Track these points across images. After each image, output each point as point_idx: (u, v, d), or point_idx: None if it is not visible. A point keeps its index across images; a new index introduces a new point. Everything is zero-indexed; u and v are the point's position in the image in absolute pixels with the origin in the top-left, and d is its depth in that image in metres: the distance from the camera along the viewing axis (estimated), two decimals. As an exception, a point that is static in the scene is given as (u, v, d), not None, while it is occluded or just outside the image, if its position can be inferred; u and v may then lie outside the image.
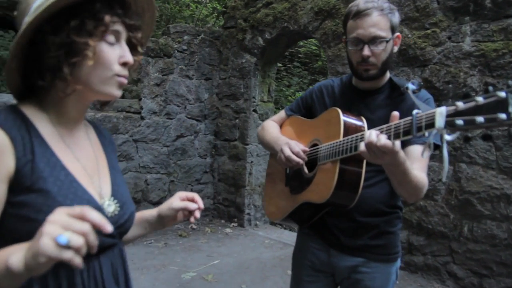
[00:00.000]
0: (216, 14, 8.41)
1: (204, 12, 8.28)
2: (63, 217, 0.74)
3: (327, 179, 1.63)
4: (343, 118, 1.66)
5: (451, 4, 3.99)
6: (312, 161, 1.77)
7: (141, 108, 5.37)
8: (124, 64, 1.05)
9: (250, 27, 5.75)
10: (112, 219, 1.07)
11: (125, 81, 1.07)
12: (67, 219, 0.74)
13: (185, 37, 5.70)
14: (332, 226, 1.81)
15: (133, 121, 5.30)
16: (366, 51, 1.65)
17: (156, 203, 5.61)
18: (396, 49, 1.76)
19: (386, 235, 1.78)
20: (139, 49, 1.13)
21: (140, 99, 5.36)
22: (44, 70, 1.00)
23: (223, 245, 5.28)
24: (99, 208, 1.02)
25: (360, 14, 1.66)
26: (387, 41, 1.65)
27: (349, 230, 1.78)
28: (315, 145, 1.79)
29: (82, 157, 1.09)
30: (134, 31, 1.10)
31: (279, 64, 8.95)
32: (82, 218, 0.75)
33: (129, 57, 1.05)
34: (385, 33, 1.65)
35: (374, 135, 1.34)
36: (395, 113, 1.35)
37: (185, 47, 5.72)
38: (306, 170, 1.80)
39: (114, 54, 1.04)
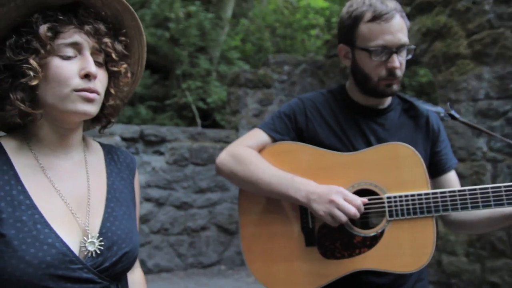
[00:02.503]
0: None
1: (318, 44, 8.01)
2: None
3: (418, 241, 1.27)
4: (422, 160, 1.29)
5: None
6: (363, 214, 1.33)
7: (238, 139, 5.22)
8: (86, 76, 0.93)
9: (353, 54, 5.26)
10: (90, 260, 0.92)
11: (90, 94, 0.93)
12: None
13: (285, 67, 5.46)
14: (366, 285, 1.35)
15: (230, 151, 5.16)
16: (397, 62, 1.33)
17: (251, 236, 5.32)
18: None
19: (421, 282, 1.44)
20: (114, 56, 0.98)
21: (237, 130, 5.21)
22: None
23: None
24: (64, 253, 0.89)
25: (383, 16, 1.31)
26: (414, 49, 1.40)
27: (386, 286, 1.37)
28: (367, 191, 1.33)
29: (66, 190, 0.97)
30: (100, 37, 0.96)
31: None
32: None
33: (90, 68, 0.92)
34: (407, 38, 1.37)
35: None
36: None
37: (285, 77, 5.46)
38: (352, 226, 1.32)
39: (71, 68, 0.92)
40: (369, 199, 1.30)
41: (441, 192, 1.26)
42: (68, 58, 0.92)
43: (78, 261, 0.90)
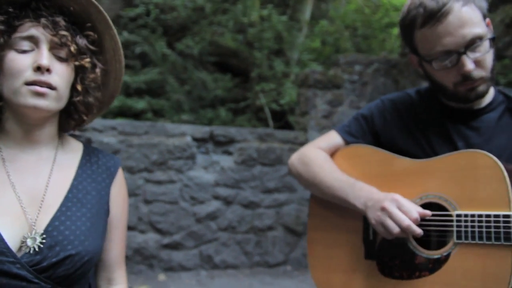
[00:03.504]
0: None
1: (399, 43, 7.59)
2: None
3: (490, 273, 1.04)
4: (506, 173, 1.06)
5: None
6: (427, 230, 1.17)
7: (307, 140, 5.13)
8: (37, 69, 0.92)
9: (430, 51, 4.89)
10: (27, 256, 0.89)
11: (40, 88, 0.92)
12: None
13: (356, 67, 5.25)
14: None
15: (298, 152, 5.10)
16: (469, 65, 1.11)
17: (320, 239, 5.20)
18: None
19: None
20: (73, 49, 0.97)
21: (306, 131, 5.14)
22: None
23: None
24: None
25: (435, 16, 1.09)
26: (493, 39, 1.12)
27: None
28: (435, 205, 1.18)
29: (22, 184, 0.95)
30: (59, 30, 0.94)
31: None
32: None
33: (41, 60, 0.92)
34: (481, 28, 1.11)
35: None
36: None
37: (356, 78, 5.26)
38: (414, 243, 1.18)
39: (25, 61, 0.92)
40: (435, 215, 1.13)
41: None
42: (23, 51, 0.92)
43: (9, 253, 0.86)
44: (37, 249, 0.89)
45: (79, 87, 1.01)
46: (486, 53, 1.12)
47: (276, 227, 5.02)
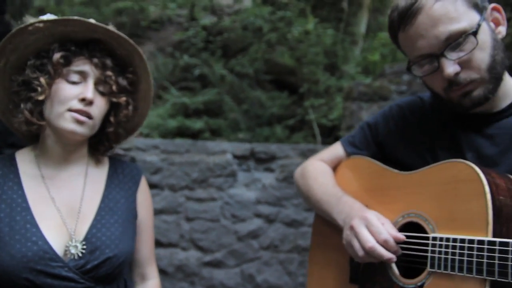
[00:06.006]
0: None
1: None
2: None
3: None
4: (488, 188, 0.87)
5: None
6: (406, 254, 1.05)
7: (353, 155, 4.81)
8: (82, 100, 1.05)
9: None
10: (73, 261, 1.03)
11: (80, 117, 1.06)
12: None
13: (404, 76, 4.83)
14: None
15: (343, 169, 4.78)
16: (449, 68, 0.96)
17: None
18: (502, 30, 0.97)
19: None
20: (114, 88, 1.11)
21: (351, 146, 4.81)
22: (14, 107, 1.09)
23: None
24: (45, 251, 1.00)
25: (405, 17, 0.97)
26: (474, 33, 0.94)
27: None
28: (414, 225, 1.03)
29: (60, 198, 1.10)
30: (105, 70, 1.09)
31: None
32: None
33: (87, 93, 1.05)
34: (464, 21, 0.95)
35: None
36: None
37: (404, 88, 4.84)
38: (396, 270, 1.05)
39: (73, 91, 1.06)
40: (411, 237, 0.99)
41: (501, 244, 0.81)
42: (73, 82, 1.07)
43: (58, 259, 1.01)
44: (80, 255, 1.03)
45: (112, 120, 1.13)
46: (474, 50, 0.93)
47: (321, 247, 4.72)
